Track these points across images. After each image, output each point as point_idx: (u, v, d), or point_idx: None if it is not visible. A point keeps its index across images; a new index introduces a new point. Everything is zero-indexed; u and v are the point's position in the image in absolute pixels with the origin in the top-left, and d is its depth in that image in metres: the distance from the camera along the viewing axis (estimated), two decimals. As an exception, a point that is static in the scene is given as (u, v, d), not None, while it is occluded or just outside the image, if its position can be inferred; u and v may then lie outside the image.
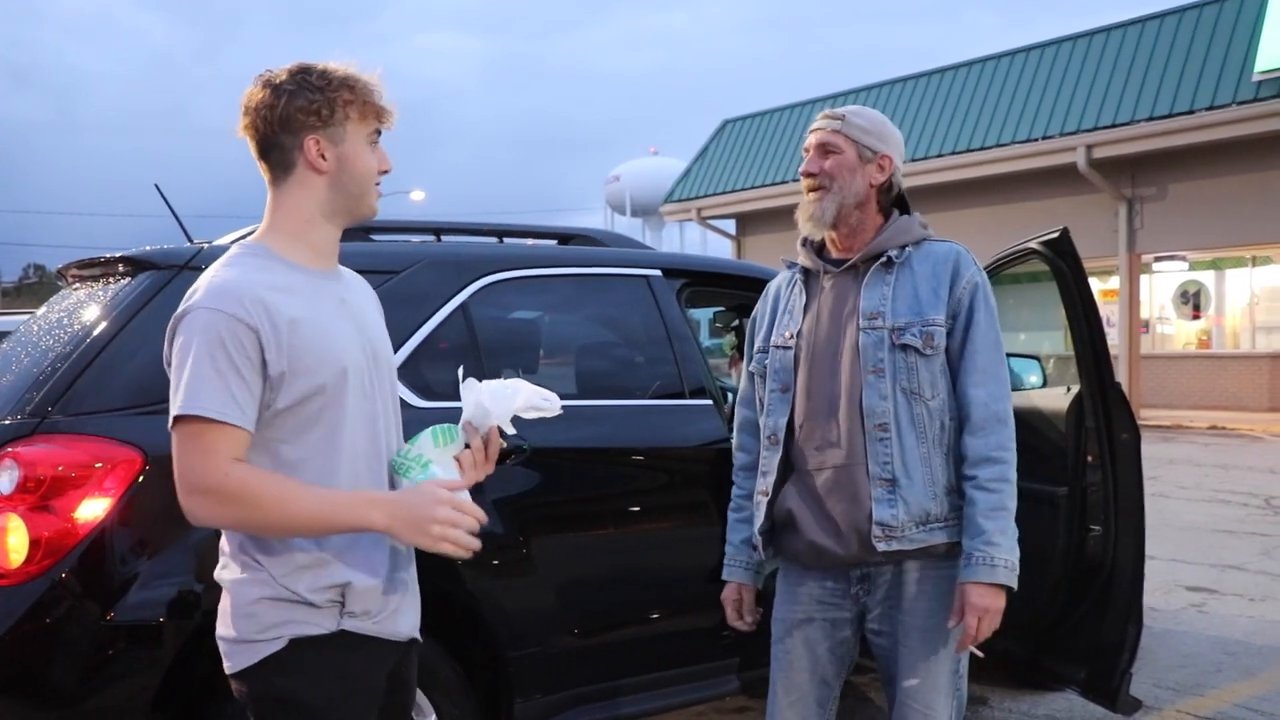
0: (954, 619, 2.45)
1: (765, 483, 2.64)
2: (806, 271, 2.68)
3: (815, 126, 2.63)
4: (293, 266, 1.96)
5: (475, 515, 1.92)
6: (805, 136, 2.67)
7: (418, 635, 2.13)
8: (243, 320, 1.83)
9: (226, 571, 1.97)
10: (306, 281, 1.96)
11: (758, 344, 2.74)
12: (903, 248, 2.56)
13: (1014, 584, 2.43)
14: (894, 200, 2.64)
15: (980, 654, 2.55)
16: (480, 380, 2.05)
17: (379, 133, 2.04)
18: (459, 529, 1.88)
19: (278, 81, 1.95)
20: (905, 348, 2.47)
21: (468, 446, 2.04)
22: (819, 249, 2.67)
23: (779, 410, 2.61)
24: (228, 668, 1.95)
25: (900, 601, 2.50)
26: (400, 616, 2.05)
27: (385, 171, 2.05)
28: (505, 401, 2.02)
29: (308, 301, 1.93)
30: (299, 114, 1.93)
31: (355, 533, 1.92)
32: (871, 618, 2.55)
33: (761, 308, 2.79)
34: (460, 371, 2.07)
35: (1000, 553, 2.41)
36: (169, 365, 1.90)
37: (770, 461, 2.62)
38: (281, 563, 1.91)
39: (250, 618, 1.91)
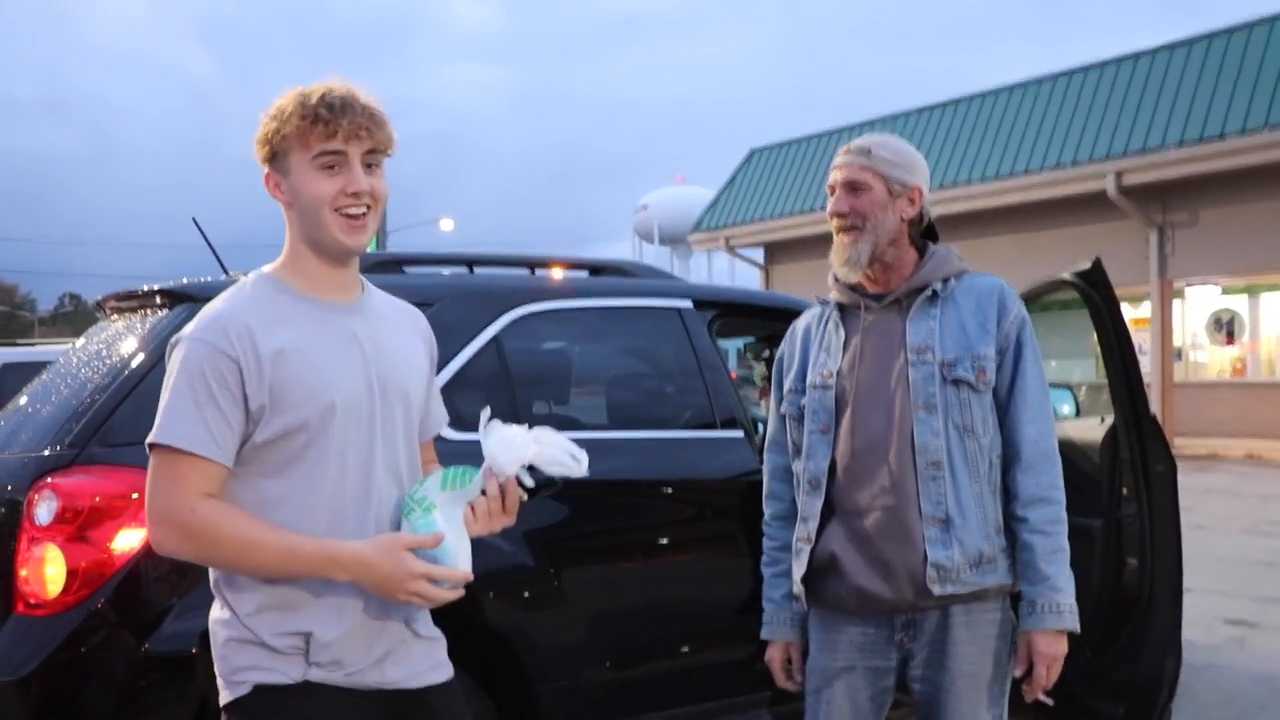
0: (1019, 668, 2.42)
1: (807, 529, 2.52)
2: (842, 307, 2.59)
3: (839, 162, 2.53)
4: (298, 297, 1.91)
5: (455, 580, 1.85)
6: (829, 172, 2.58)
7: (430, 683, 1.98)
8: (224, 351, 1.80)
9: (212, 607, 1.93)
10: (309, 312, 1.90)
11: (789, 384, 2.64)
12: (945, 281, 2.50)
13: (1078, 627, 2.39)
14: (923, 230, 2.58)
15: (1049, 701, 2.49)
16: (514, 423, 1.93)
17: (338, 153, 1.86)
18: (431, 598, 1.83)
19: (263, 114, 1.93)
20: (958, 382, 2.40)
21: (485, 493, 1.91)
22: (853, 284, 2.59)
23: (820, 452, 2.50)
24: (219, 699, 1.91)
25: (946, 647, 2.42)
26: (389, 666, 1.92)
27: (353, 193, 1.87)
28: (514, 450, 1.87)
29: (303, 333, 1.87)
30: (257, 146, 1.91)
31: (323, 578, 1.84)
32: (915, 664, 2.46)
33: (789, 347, 2.69)
34: (485, 412, 1.93)
35: (1064, 598, 2.38)
36: None
37: (812, 506, 2.51)
38: (245, 601, 1.85)
39: (222, 659, 1.88)
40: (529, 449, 1.87)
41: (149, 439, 1.82)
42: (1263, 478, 13.79)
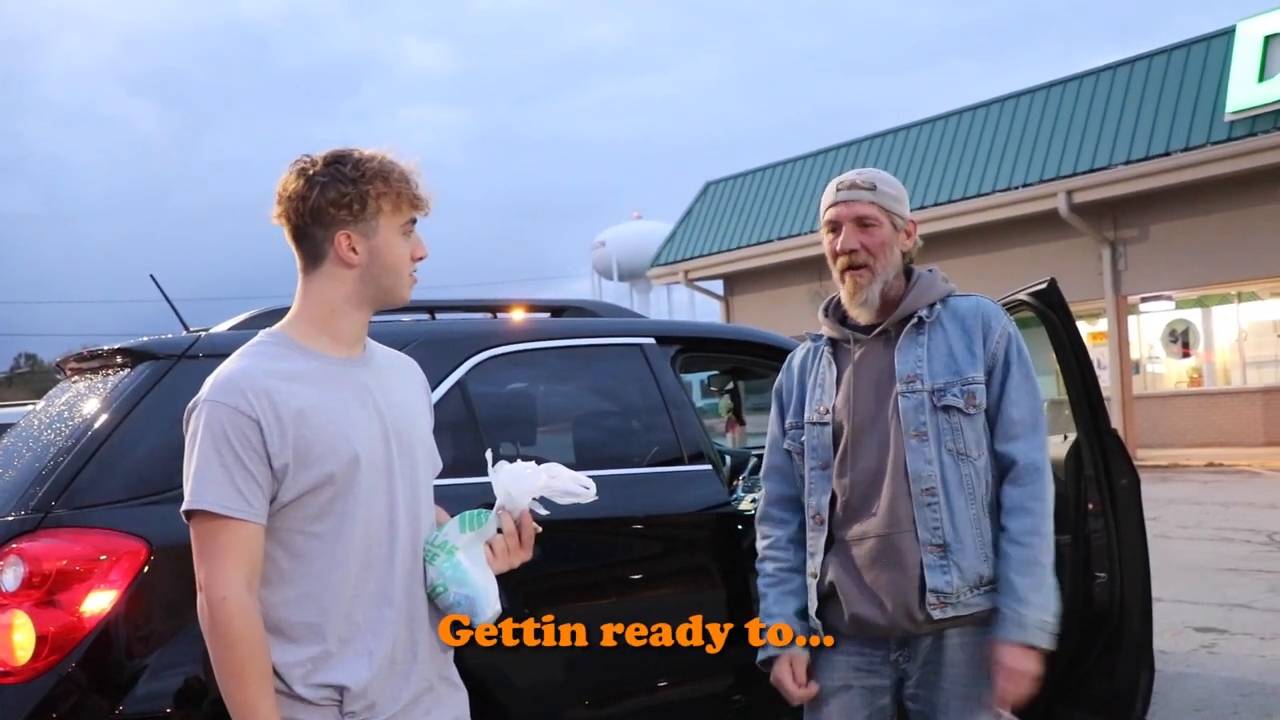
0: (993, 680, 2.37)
1: (814, 563, 2.53)
2: (833, 341, 2.59)
3: (845, 198, 2.51)
4: (311, 354, 1.94)
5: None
6: (827, 206, 2.55)
7: None
8: (244, 413, 1.82)
9: None
10: (324, 369, 1.94)
11: (789, 419, 2.63)
12: (931, 306, 2.50)
13: (1045, 644, 2.33)
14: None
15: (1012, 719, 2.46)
16: (512, 463, 2.03)
17: (414, 221, 2.01)
18: None
19: (312, 172, 1.92)
20: (948, 409, 2.40)
21: (500, 531, 2.01)
22: (841, 317, 2.59)
23: (821, 488, 2.52)
24: None
25: (941, 668, 2.41)
26: (419, 714, 1.98)
27: (420, 258, 2.03)
28: (524, 483, 1.99)
29: (321, 390, 1.91)
30: (330, 207, 1.90)
31: (352, 626, 1.89)
32: (910, 684, 2.45)
33: (787, 380, 2.68)
34: (489, 455, 2.05)
35: (1031, 611, 2.32)
36: None
37: (817, 541, 2.52)
38: (280, 652, 1.87)
39: None
40: (539, 480, 1.99)
41: (184, 507, 1.84)
42: (1224, 485, 13.97)
